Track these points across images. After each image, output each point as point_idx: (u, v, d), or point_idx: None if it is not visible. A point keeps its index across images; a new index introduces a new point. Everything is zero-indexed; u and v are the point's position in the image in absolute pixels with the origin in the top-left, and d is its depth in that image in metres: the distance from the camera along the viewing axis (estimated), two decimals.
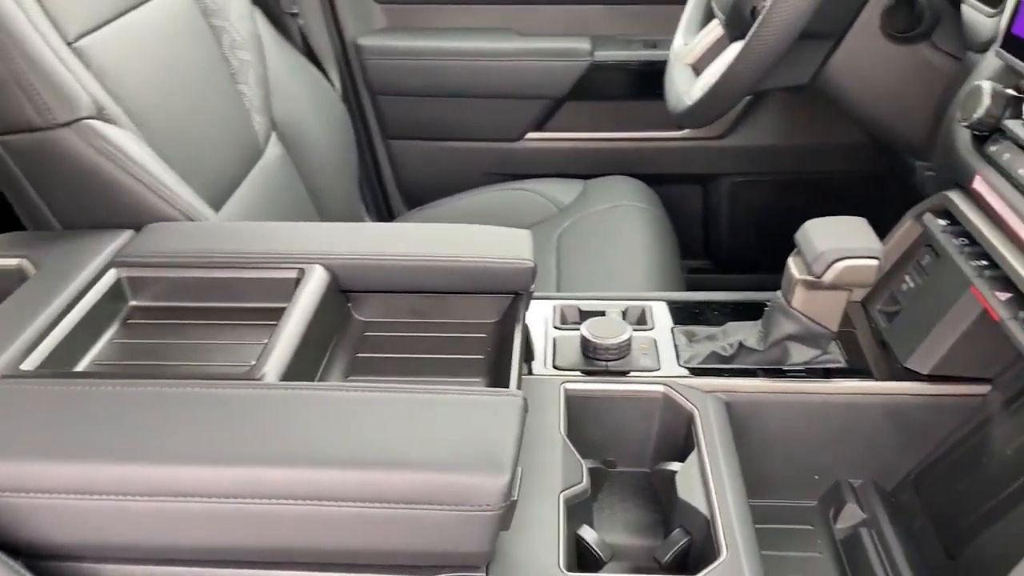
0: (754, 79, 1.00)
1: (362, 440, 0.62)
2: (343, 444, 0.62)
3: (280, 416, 0.64)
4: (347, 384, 0.77)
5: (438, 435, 0.63)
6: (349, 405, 0.66)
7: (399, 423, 0.65)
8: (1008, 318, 0.72)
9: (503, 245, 0.91)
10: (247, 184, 1.25)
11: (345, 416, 0.65)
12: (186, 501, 0.58)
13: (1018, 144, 0.76)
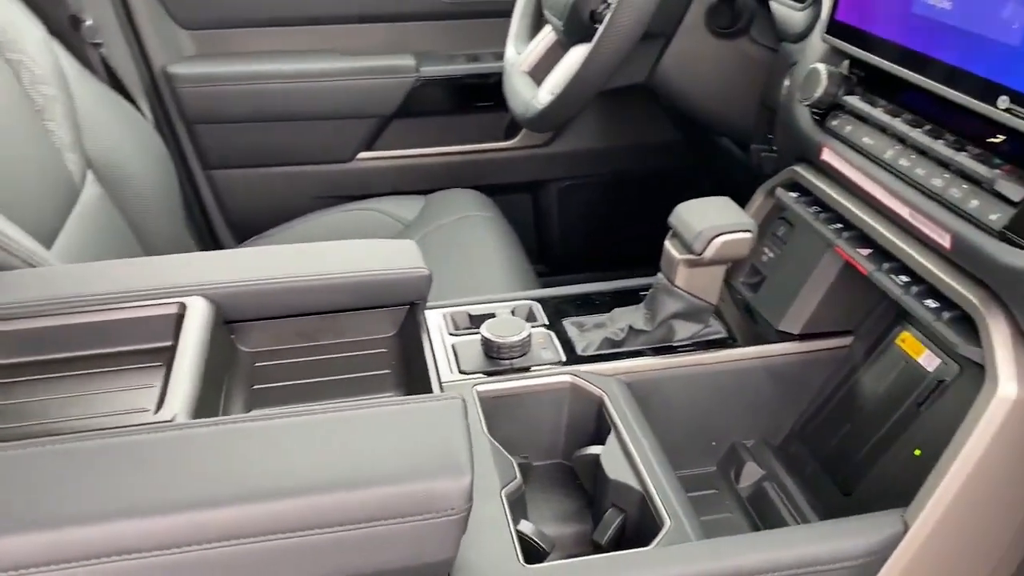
0: (604, 78, 1.05)
1: (313, 464, 0.59)
2: (293, 472, 0.58)
3: (215, 454, 0.60)
4: (278, 412, 0.73)
5: (389, 448, 0.61)
6: (287, 432, 0.62)
7: (345, 442, 0.62)
8: (874, 270, 0.81)
9: (391, 256, 0.89)
10: (68, 228, 1.14)
11: (287, 443, 0.61)
12: (137, 558, 0.52)
13: (857, 116, 0.85)
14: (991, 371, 0.67)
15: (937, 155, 0.73)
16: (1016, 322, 0.67)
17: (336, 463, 0.59)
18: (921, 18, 0.77)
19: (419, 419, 0.65)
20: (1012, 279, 0.65)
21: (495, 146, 1.71)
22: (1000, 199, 0.67)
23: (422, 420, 0.65)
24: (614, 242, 1.88)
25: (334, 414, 0.64)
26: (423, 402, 0.68)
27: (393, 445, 0.61)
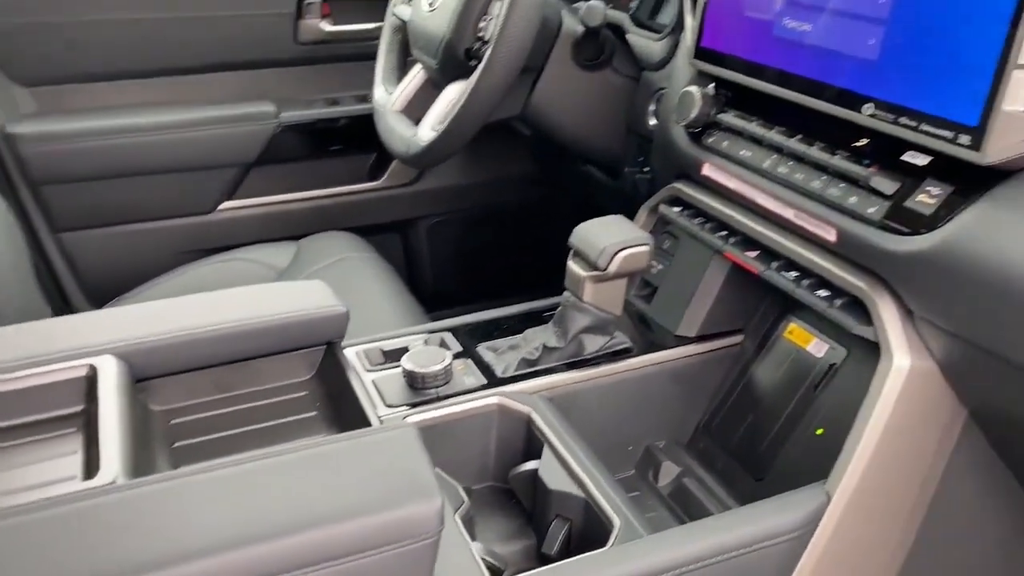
0: (488, 111, 1.09)
1: (287, 506, 0.58)
2: (270, 515, 0.57)
3: (180, 509, 0.57)
4: (230, 460, 0.70)
5: (358, 481, 0.61)
6: (252, 477, 0.60)
7: (314, 480, 0.61)
8: (764, 269, 0.88)
9: (303, 296, 0.89)
10: None
11: (255, 488, 0.59)
12: None
13: (733, 131, 0.93)
14: (885, 347, 0.75)
15: (813, 160, 0.82)
16: (902, 301, 0.75)
17: (310, 501, 0.58)
18: (784, 40, 0.86)
19: (379, 450, 0.65)
20: (895, 263, 0.74)
21: (362, 187, 1.71)
22: (875, 194, 0.76)
23: (382, 450, 0.65)
24: (487, 275, 1.92)
25: (294, 455, 0.63)
26: (377, 433, 0.68)
27: (360, 477, 0.61)
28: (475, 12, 1.14)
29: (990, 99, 0.66)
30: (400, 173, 1.72)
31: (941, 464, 0.79)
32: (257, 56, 1.58)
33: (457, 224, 1.85)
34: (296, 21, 1.57)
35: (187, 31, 1.51)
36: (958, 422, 0.78)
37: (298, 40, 1.59)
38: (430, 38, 1.20)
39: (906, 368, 0.74)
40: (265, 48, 1.58)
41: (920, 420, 0.76)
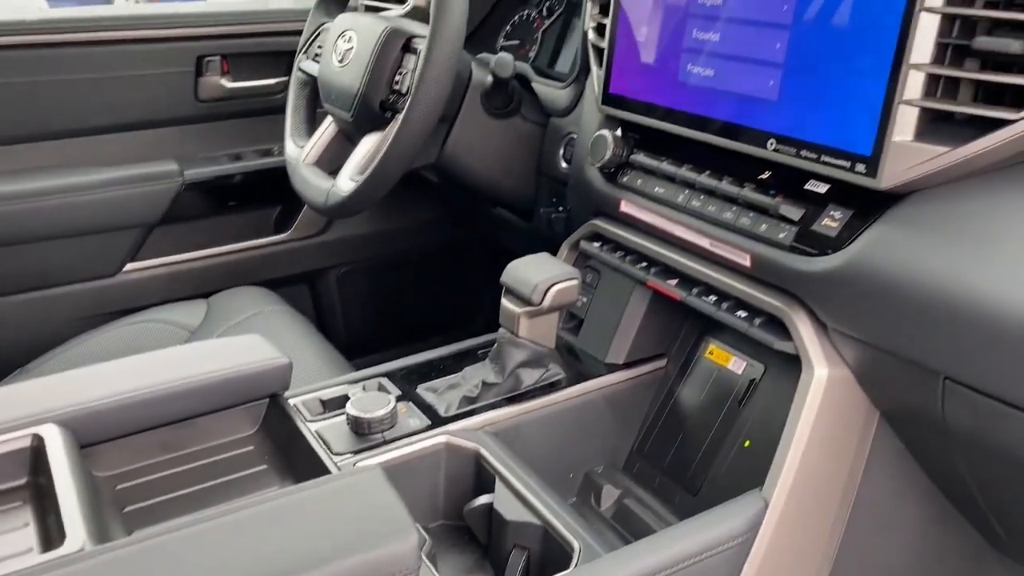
0: (408, 160, 1.12)
1: (267, 556, 0.58)
2: (251, 565, 0.57)
3: (162, 569, 0.57)
4: (205, 515, 0.68)
5: (333, 526, 0.62)
6: (228, 531, 0.61)
7: (288, 529, 0.62)
8: (686, 296, 0.95)
9: (244, 351, 0.89)
10: None
11: (230, 542, 0.60)
12: None
13: (646, 170, 1.00)
14: (805, 359, 0.82)
15: (724, 193, 0.89)
16: (816, 316, 0.83)
17: (291, 550, 0.59)
18: (688, 85, 0.93)
19: (349, 493, 0.66)
20: (807, 282, 0.81)
21: (270, 240, 1.71)
22: (784, 220, 0.83)
23: (352, 493, 0.66)
24: (399, 321, 1.94)
25: (268, 505, 0.64)
26: (344, 478, 0.70)
27: (336, 522, 0.63)
28: (389, 66, 1.18)
29: (881, 131, 0.74)
30: (308, 224, 1.73)
31: (860, 463, 0.86)
32: (158, 115, 1.57)
33: (367, 272, 1.86)
34: (196, 79, 1.57)
35: (86, 92, 1.48)
36: (872, 423, 0.85)
37: (199, 97, 1.59)
38: (343, 92, 1.23)
39: (825, 377, 0.81)
40: (166, 107, 1.57)
41: (840, 424, 0.83)
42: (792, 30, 0.81)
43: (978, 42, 0.69)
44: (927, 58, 0.71)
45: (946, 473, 0.86)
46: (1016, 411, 0.68)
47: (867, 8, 0.74)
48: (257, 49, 1.62)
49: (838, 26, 0.77)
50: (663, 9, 0.95)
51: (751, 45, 0.85)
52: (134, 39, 1.49)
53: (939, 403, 0.74)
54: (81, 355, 1.41)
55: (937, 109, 0.72)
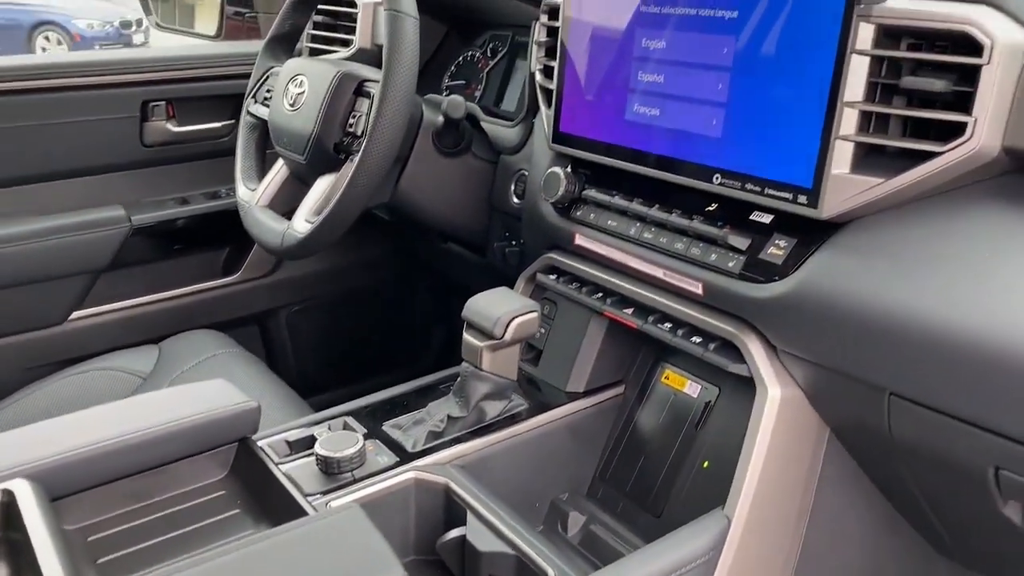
0: (364, 200, 1.14)
1: None
2: None
3: None
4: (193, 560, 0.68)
5: (321, 564, 0.64)
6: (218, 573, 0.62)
7: (272, 572, 0.63)
8: (642, 324, 0.99)
9: (211, 396, 0.89)
10: None
11: None
12: None
13: (598, 205, 1.04)
14: (759, 380, 0.87)
15: (674, 225, 0.94)
16: (767, 339, 0.87)
17: None
18: (635, 124, 0.98)
19: (332, 532, 0.68)
20: (756, 307, 0.86)
21: (219, 283, 1.70)
22: (732, 250, 0.88)
23: (336, 532, 0.68)
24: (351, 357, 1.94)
25: (249, 549, 0.65)
26: (325, 517, 0.71)
27: (323, 561, 0.64)
28: (342, 110, 1.20)
29: (819, 165, 0.79)
30: (257, 265, 1.73)
31: (814, 477, 0.90)
32: (104, 160, 1.55)
33: (317, 310, 1.87)
34: (142, 124, 1.56)
35: (30, 140, 1.46)
36: (823, 439, 0.90)
37: (144, 142, 1.58)
38: (296, 135, 1.24)
39: (778, 397, 0.86)
40: (111, 152, 1.55)
41: (794, 440, 0.87)
42: (732, 72, 0.86)
43: (904, 81, 0.75)
44: (859, 96, 0.77)
45: (893, 483, 0.91)
46: (957, 422, 0.73)
47: (803, 51, 0.80)
48: (203, 93, 1.62)
49: (776, 68, 0.82)
50: (608, 52, 1.00)
51: (694, 86, 0.90)
52: (78, 86, 1.48)
53: (885, 418, 0.79)
54: (31, 406, 1.38)
55: (870, 143, 0.77)
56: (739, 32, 0.85)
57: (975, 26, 0.71)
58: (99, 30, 10.18)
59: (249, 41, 1.81)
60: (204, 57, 1.62)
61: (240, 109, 1.45)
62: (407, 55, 1.10)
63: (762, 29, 0.83)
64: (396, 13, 1.11)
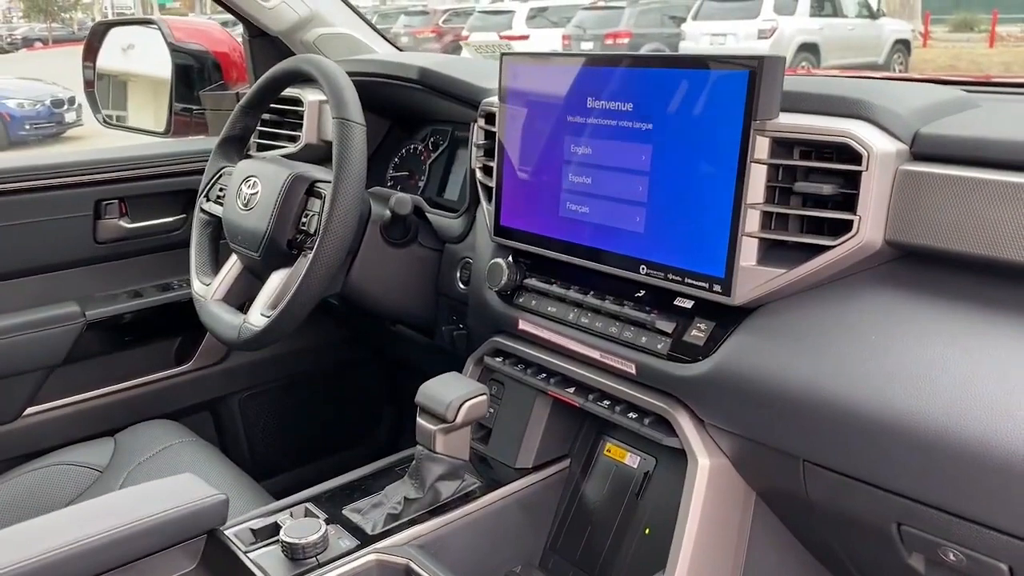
0: (319, 293, 1.21)
1: None
2: None
3: None
4: None
5: None
6: None
7: None
8: (584, 402, 1.07)
9: (178, 491, 0.94)
10: None
11: None
12: None
13: (538, 292, 1.13)
14: (690, 452, 0.95)
15: (608, 311, 1.03)
16: (695, 413, 0.96)
17: None
18: (569, 219, 1.07)
19: None
20: (683, 385, 0.95)
21: (172, 372, 1.74)
22: (659, 333, 0.97)
23: None
24: (304, 439, 1.98)
25: None
26: None
27: None
28: (295, 209, 1.28)
29: (730, 258, 0.90)
30: (208, 353, 1.77)
31: (744, 540, 0.99)
32: (59, 258, 1.59)
33: (269, 394, 1.91)
34: (95, 222, 1.61)
35: None
36: (751, 503, 0.98)
37: (97, 239, 1.63)
38: (250, 234, 1.31)
39: (708, 467, 0.94)
40: (65, 250, 1.60)
41: (724, 505, 0.96)
42: (651, 175, 0.97)
43: (797, 186, 0.86)
44: (760, 199, 0.88)
45: (817, 543, 1.00)
46: (862, 484, 0.82)
47: (710, 159, 0.90)
48: (154, 190, 1.68)
49: (688, 172, 0.93)
50: (541, 155, 1.10)
51: (618, 187, 1.00)
52: (33, 188, 1.53)
53: (802, 482, 0.88)
54: None
55: (773, 239, 0.88)
56: (654, 141, 0.96)
57: (853, 138, 0.83)
58: (30, 109, 10.12)
59: (197, 138, 1.87)
60: (155, 157, 1.69)
61: (191, 204, 1.51)
62: (355, 159, 1.18)
63: (675, 139, 0.94)
64: (344, 121, 1.19)
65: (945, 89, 0.96)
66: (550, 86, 1.08)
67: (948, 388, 0.76)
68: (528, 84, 1.11)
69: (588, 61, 1.04)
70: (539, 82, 1.09)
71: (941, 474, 0.76)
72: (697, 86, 0.91)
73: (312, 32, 1.72)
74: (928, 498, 0.78)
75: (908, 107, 0.86)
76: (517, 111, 1.13)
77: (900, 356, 0.80)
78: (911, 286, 0.85)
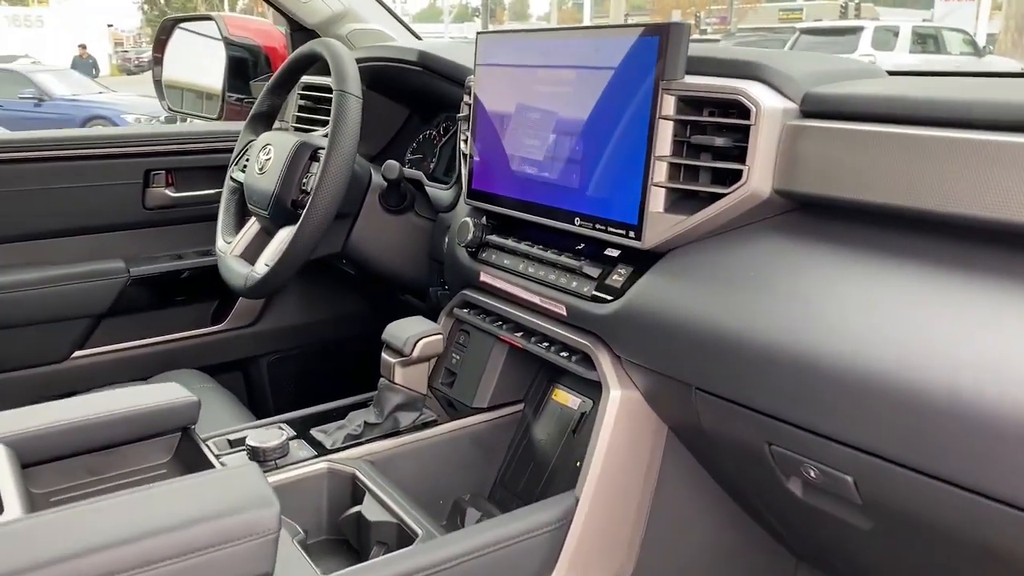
0: (311, 248, 1.36)
1: (160, 516, 0.77)
2: (145, 521, 0.76)
3: (76, 524, 0.76)
4: (110, 495, 0.86)
5: (211, 498, 0.82)
6: (126, 503, 0.80)
7: (176, 501, 0.81)
8: (526, 344, 1.18)
9: (159, 392, 1.09)
10: None
11: (128, 509, 0.79)
12: None
13: (498, 247, 1.25)
14: (604, 384, 1.05)
15: (549, 260, 1.14)
16: (613, 351, 1.06)
17: (177, 513, 0.78)
18: (522, 180, 1.19)
19: (227, 478, 0.86)
20: (602, 323, 1.05)
21: (206, 331, 1.91)
22: (587, 278, 1.08)
23: (230, 478, 0.86)
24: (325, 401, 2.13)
25: (163, 487, 0.83)
26: (225, 469, 0.90)
27: (214, 496, 0.82)
28: (298, 171, 1.43)
29: (641, 206, 0.99)
30: (241, 316, 1.94)
31: (655, 471, 1.07)
32: (109, 221, 1.80)
33: (296, 359, 2.07)
34: (144, 189, 1.81)
35: (49, 201, 1.71)
36: (662, 437, 1.07)
37: (146, 206, 1.83)
38: (262, 194, 1.47)
39: (619, 397, 1.04)
40: (116, 213, 1.80)
41: (634, 435, 1.05)
42: (583, 136, 1.07)
43: (694, 139, 0.95)
44: (667, 152, 0.98)
45: (722, 475, 1.08)
46: (739, 407, 0.90)
47: (630, 117, 1.01)
48: (198, 164, 1.87)
49: (611, 132, 1.03)
50: (501, 124, 1.22)
51: (559, 148, 1.12)
52: (91, 156, 1.74)
53: (695, 410, 0.97)
54: None
55: (677, 188, 0.98)
56: (586, 104, 1.06)
57: (744, 95, 0.92)
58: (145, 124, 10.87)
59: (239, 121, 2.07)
60: (199, 134, 1.88)
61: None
62: (349, 126, 1.33)
63: (600, 103, 1.04)
64: (343, 93, 1.34)
65: (850, 59, 1.04)
66: (510, 59, 1.20)
67: (814, 318, 0.83)
68: (494, 59, 1.24)
69: (540, 35, 1.16)
70: (502, 56, 1.22)
71: (803, 396, 0.83)
72: (618, 51, 1.02)
73: (345, 27, 1.89)
74: (792, 418, 0.85)
75: (801, 71, 0.95)
76: (486, 84, 1.25)
77: (778, 292, 0.88)
78: (801, 233, 0.93)
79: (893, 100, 0.88)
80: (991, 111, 0.79)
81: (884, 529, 0.85)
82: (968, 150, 0.77)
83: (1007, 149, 0.74)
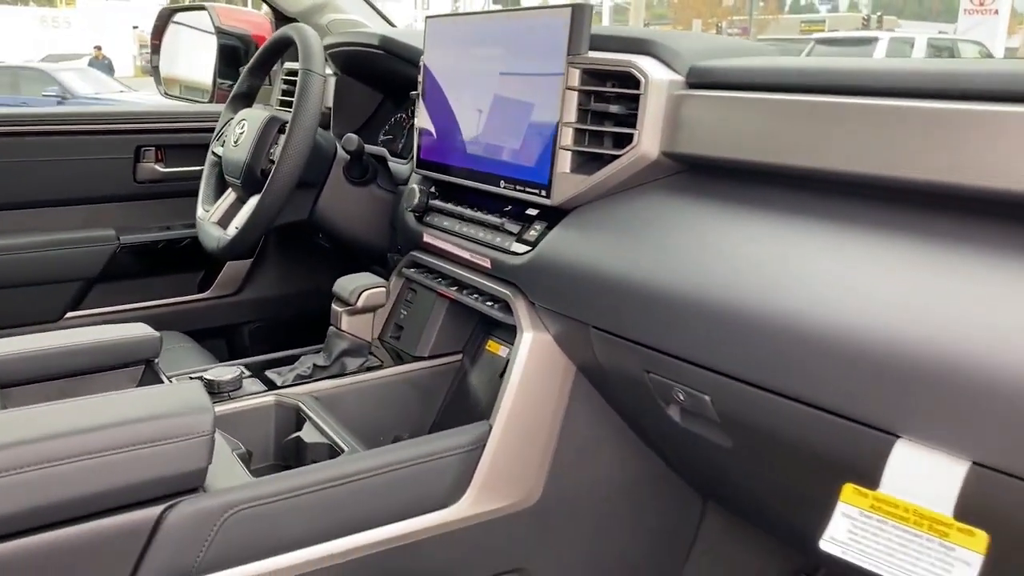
0: (274, 213, 1.49)
1: (111, 416, 0.91)
2: (95, 418, 0.90)
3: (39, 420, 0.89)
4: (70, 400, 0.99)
5: (155, 403, 0.95)
6: (83, 405, 0.93)
7: (121, 406, 0.94)
8: (458, 295, 1.30)
9: (126, 329, 1.23)
10: None
11: (82, 410, 0.92)
12: None
13: (439, 211, 1.38)
14: (519, 326, 1.17)
15: (477, 220, 1.27)
16: (528, 298, 1.18)
17: (128, 414, 0.92)
18: (461, 150, 1.32)
19: (171, 391, 1.00)
20: (517, 273, 1.17)
21: (191, 298, 2.05)
22: (508, 233, 1.20)
23: (174, 392, 1.00)
24: None
25: (117, 396, 0.97)
26: (172, 385, 1.03)
27: (159, 402, 0.95)
28: (267, 142, 1.56)
29: (552, 168, 1.12)
30: (226, 284, 2.08)
31: (563, 404, 1.19)
32: (102, 193, 1.94)
33: (276, 328, 2.20)
34: (135, 164, 1.95)
35: (46, 172, 1.86)
36: (571, 375, 1.19)
37: (136, 179, 1.97)
38: (235, 164, 1.61)
39: (531, 339, 1.16)
40: (109, 186, 1.94)
41: (545, 373, 1.17)
42: (509, 106, 1.20)
43: (592, 106, 1.08)
44: (573, 118, 1.10)
45: (626, 410, 1.20)
46: (625, 341, 1.03)
47: (543, 89, 1.14)
48: (186, 142, 2.02)
49: (531, 100, 1.16)
50: (442, 99, 1.35)
51: (492, 118, 1.24)
52: (86, 131, 1.88)
53: (592, 347, 1.09)
54: None
55: (579, 151, 1.10)
56: (510, 80, 1.19)
57: (635, 68, 1.04)
58: None
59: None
60: (186, 113, 2.03)
61: None
62: (311, 100, 1.46)
63: (522, 78, 1.17)
64: (307, 71, 1.48)
65: (737, 39, 1.16)
66: (453, 41, 1.33)
67: (687, 262, 0.95)
68: (440, 40, 1.37)
69: (478, 18, 1.29)
70: (447, 38, 1.35)
71: (672, 328, 0.95)
72: (538, 31, 1.14)
73: (326, 16, 2.03)
74: (664, 347, 0.97)
75: (688, 47, 1.07)
76: (433, 64, 1.39)
77: (659, 241, 1.00)
78: (685, 191, 1.05)
79: (767, 71, 1.00)
80: (846, 78, 0.91)
81: (741, 445, 0.97)
82: (825, 112, 0.89)
83: (850, 109, 0.86)
